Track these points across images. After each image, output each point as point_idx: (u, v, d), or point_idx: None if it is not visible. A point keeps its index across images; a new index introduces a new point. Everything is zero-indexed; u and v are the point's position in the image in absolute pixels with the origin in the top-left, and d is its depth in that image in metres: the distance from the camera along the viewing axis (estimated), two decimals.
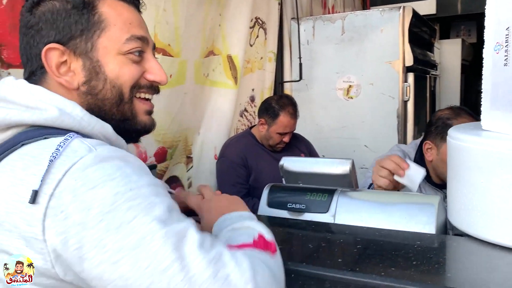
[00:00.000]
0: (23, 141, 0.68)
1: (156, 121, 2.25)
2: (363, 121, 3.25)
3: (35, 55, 0.76)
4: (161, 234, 0.60)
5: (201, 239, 0.63)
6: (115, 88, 0.79)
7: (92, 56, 0.77)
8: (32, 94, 0.73)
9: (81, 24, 0.76)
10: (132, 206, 0.61)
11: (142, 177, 0.65)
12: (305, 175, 1.26)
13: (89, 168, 0.62)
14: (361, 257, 0.88)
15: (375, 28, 3.13)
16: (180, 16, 2.30)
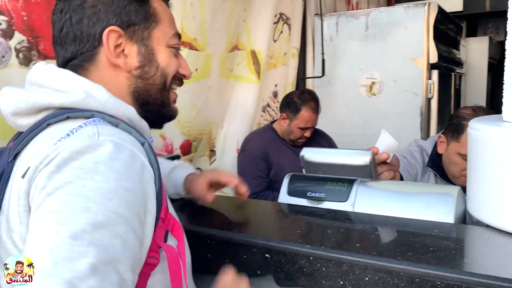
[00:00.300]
0: (48, 121, 0.71)
1: (182, 114, 2.32)
2: (386, 118, 3.23)
3: (89, 35, 0.78)
4: (60, 241, 0.56)
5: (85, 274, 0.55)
6: (163, 76, 0.84)
7: (147, 44, 0.82)
8: (60, 78, 0.76)
9: (141, 14, 0.81)
10: (67, 200, 0.60)
11: (111, 182, 0.63)
12: (325, 165, 1.28)
13: (74, 154, 0.63)
14: (378, 243, 0.90)
15: (399, 25, 3.11)
16: (206, 10, 2.34)
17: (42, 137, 0.71)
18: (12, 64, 1.50)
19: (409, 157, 1.62)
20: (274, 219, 1.07)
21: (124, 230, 0.61)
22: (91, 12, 0.78)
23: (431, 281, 0.76)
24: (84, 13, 0.78)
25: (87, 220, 0.58)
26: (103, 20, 0.78)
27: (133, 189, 0.65)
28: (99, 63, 0.80)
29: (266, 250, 0.91)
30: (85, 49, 0.79)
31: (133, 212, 0.64)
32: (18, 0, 1.48)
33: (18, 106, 0.75)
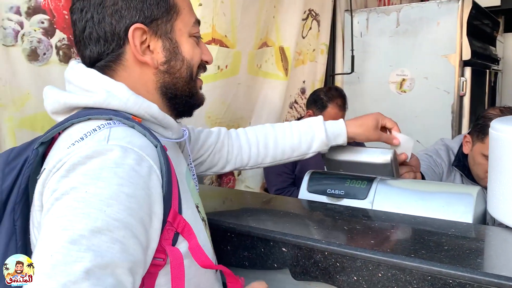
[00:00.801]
0: (72, 121, 0.74)
1: (212, 110, 2.37)
2: (416, 116, 3.19)
3: (113, 34, 0.78)
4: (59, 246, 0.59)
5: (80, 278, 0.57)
6: (189, 68, 0.85)
7: (171, 37, 0.82)
8: (86, 77, 0.78)
9: (162, 6, 0.80)
10: (70, 206, 0.62)
11: (112, 189, 0.64)
12: (346, 163, 1.30)
13: (82, 159, 0.65)
14: (393, 240, 0.92)
15: (431, 21, 3.06)
16: (236, 7, 2.38)
17: (65, 136, 0.73)
18: (53, 61, 1.58)
19: (434, 156, 1.61)
20: (293, 215, 1.10)
21: (123, 235, 0.62)
22: (112, 10, 0.77)
23: (443, 280, 0.77)
24: (106, 12, 0.77)
25: (86, 226, 0.60)
26: (126, 17, 0.77)
27: (136, 195, 0.65)
28: (125, 62, 0.80)
29: (283, 244, 0.95)
30: (110, 49, 0.79)
31: (135, 217, 0.64)
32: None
33: (54, 106, 0.80)
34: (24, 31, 1.48)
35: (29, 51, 1.49)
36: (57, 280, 0.56)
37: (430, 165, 1.55)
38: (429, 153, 1.63)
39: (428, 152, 1.64)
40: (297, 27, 2.87)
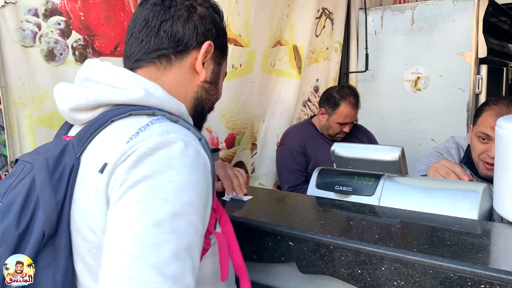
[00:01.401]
0: (112, 118, 0.76)
1: (227, 108, 2.42)
2: (431, 114, 3.17)
3: (190, 39, 0.88)
4: (144, 228, 0.62)
5: (169, 259, 0.62)
6: (216, 99, 0.98)
7: (218, 68, 0.95)
8: (119, 76, 0.81)
9: (223, 45, 0.96)
10: (147, 192, 0.66)
11: (182, 176, 0.68)
12: (355, 160, 1.32)
13: (149, 150, 0.68)
14: (397, 235, 0.93)
15: (446, 18, 3.04)
16: (250, 7, 2.40)
17: (108, 133, 0.75)
18: (69, 61, 1.63)
19: (445, 154, 1.62)
20: (300, 210, 1.13)
21: (196, 219, 0.68)
22: (199, 22, 0.89)
23: (444, 273, 0.79)
24: (193, 20, 0.88)
25: (166, 210, 0.64)
26: (206, 34, 0.90)
27: (200, 182, 0.71)
28: (184, 62, 0.89)
29: (290, 238, 0.97)
30: (179, 47, 0.87)
31: (201, 203, 0.70)
32: (76, 1, 1.61)
33: (78, 102, 0.79)
34: (41, 33, 1.53)
35: (46, 51, 1.55)
36: (148, 260, 0.60)
37: None
38: (439, 151, 1.63)
39: (438, 150, 1.64)
40: (310, 26, 2.89)
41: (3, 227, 0.70)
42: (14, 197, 0.73)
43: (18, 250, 0.70)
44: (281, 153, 2.46)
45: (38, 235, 0.69)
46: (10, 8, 1.46)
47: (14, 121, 1.50)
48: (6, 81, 1.46)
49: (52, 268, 0.70)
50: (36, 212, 0.71)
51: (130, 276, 0.59)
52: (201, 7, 0.90)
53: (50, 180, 0.72)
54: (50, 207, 0.70)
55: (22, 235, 0.70)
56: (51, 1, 1.55)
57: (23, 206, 0.72)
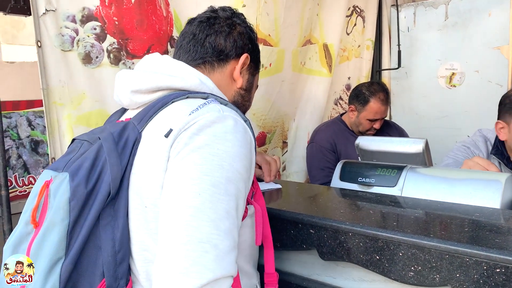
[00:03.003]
0: (173, 99, 0.88)
1: (257, 107, 2.46)
2: (466, 111, 3.10)
3: (230, 50, 1.02)
4: (205, 187, 0.75)
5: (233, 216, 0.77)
6: (249, 106, 1.13)
7: (253, 79, 1.10)
8: (178, 67, 0.96)
9: (257, 59, 1.10)
10: (206, 157, 0.78)
11: (235, 149, 0.80)
12: (379, 153, 1.33)
13: (208, 122, 0.80)
14: (415, 223, 0.95)
15: (482, 12, 2.97)
16: (279, 7, 2.44)
17: (170, 109, 0.87)
18: (104, 64, 1.73)
19: (472, 147, 1.59)
20: (322, 200, 1.15)
21: (242, 186, 0.80)
22: (238, 37, 1.04)
23: (460, 258, 0.80)
24: (233, 35, 1.03)
25: (222, 174, 0.77)
26: (243, 47, 1.04)
27: (247, 155, 0.83)
28: (225, 70, 1.03)
29: (310, 226, 1.00)
30: (221, 56, 1.02)
31: (247, 173, 0.82)
32: (110, 7, 1.71)
33: (140, 85, 0.92)
34: (79, 37, 1.63)
35: (83, 55, 1.64)
36: (208, 215, 0.73)
37: (468, 157, 1.54)
38: (466, 145, 1.61)
39: (465, 144, 1.62)
40: (341, 24, 2.89)
41: (74, 185, 0.80)
42: (82, 162, 0.83)
43: (85, 206, 0.80)
44: (311, 150, 2.47)
45: (104, 194, 0.80)
46: (50, 15, 1.56)
47: (55, 121, 1.61)
48: (47, 83, 1.57)
49: (112, 225, 0.80)
50: (102, 175, 0.82)
51: (193, 225, 0.72)
52: (240, 26, 1.06)
53: (116, 148, 0.83)
54: (117, 170, 0.81)
55: (90, 193, 0.80)
56: (87, 8, 1.64)
57: (91, 169, 0.82)
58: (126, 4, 1.75)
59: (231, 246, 0.75)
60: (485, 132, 1.67)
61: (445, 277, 0.82)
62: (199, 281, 0.69)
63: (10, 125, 2.07)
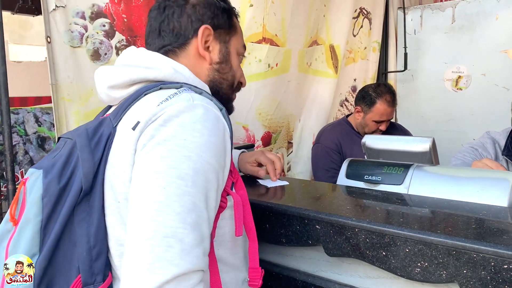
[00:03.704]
0: (145, 92, 0.87)
1: (263, 107, 2.47)
2: (473, 114, 3.10)
3: (186, 28, 0.96)
4: (170, 180, 0.73)
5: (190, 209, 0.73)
6: (233, 76, 1.03)
7: (227, 46, 1.01)
8: (152, 58, 0.93)
9: (227, 22, 1.00)
10: (173, 149, 0.75)
11: (204, 138, 0.77)
12: (386, 152, 1.33)
13: (175, 112, 0.78)
14: (422, 219, 0.95)
15: (489, 15, 2.97)
16: (286, 7, 2.45)
17: (142, 102, 0.85)
18: (113, 60, 1.74)
19: (480, 149, 1.59)
20: (328, 197, 1.15)
21: (213, 176, 0.78)
22: (191, 11, 0.96)
23: (467, 254, 0.80)
24: (186, 11, 0.96)
25: (189, 166, 0.74)
26: (201, 19, 0.96)
27: (219, 144, 0.80)
28: (189, 51, 0.97)
29: (316, 222, 1.00)
30: (180, 39, 0.96)
31: (218, 163, 0.80)
32: (120, 4, 1.72)
33: (115, 80, 0.90)
34: (88, 34, 1.64)
35: (92, 51, 1.65)
36: (173, 208, 0.71)
37: (476, 158, 1.53)
38: (474, 147, 1.61)
39: (473, 146, 1.62)
40: (347, 26, 2.90)
41: (47, 181, 0.81)
42: (56, 159, 0.84)
43: (58, 202, 0.80)
44: (316, 151, 2.47)
45: (76, 190, 0.80)
46: (60, 12, 1.57)
47: (63, 116, 1.62)
48: (56, 79, 1.58)
49: (87, 221, 0.80)
50: (75, 171, 0.81)
51: (158, 220, 0.70)
52: None
53: (89, 144, 0.82)
54: (88, 166, 0.80)
55: (63, 189, 0.80)
56: (97, 4, 1.66)
57: (64, 165, 0.82)
58: (135, 1, 1.76)
59: (199, 240, 0.73)
60: (493, 134, 1.67)
61: (452, 273, 0.82)
62: (164, 276, 0.68)
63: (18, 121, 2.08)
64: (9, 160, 1.52)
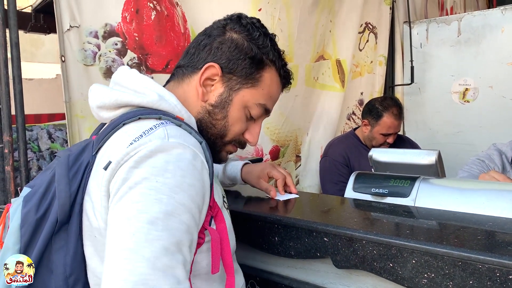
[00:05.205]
0: (124, 121, 0.84)
1: (271, 121, 2.50)
2: (481, 126, 3.11)
3: (200, 59, 0.94)
4: (140, 225, 0.70)
5: (162, 253, 0.69)
6: (225, 128, 0.96)
7: (231, 94, 0.94)
8: (141, 82, 0.90)
9: (246, 72, 0.94)
10: (144, 193, 0.72)
11: (177, 180, 0.74)
12: (393, 165, 1.35)
13: (148, 153, 0.75)
14: (428, 231, 0.96)
15: (495, 28, 2.99)
16: (293, 24, 2.50)
17: (119, 134, 0.83)
18: None
19: (487, 161, 1.61)
20: (336, 209, 1.17)
21: (187, 217, 0.74)
22: (216, 45, 0.94)
23: (473, 265, 0.81)
24: (212, 43, 0.94)
25: (160, 209, 0.71)
26: (217, 56, 0.93)
27: (194, 184, 0.77)
28: (192, 80, 0.95)
29: (324, 234, 1.02)
30: (191, 65, 0.95)
31: (194, 203, 0.76)
32: (131, 23, 1.77)
33: (103, 101, 0.90)
34: (100, 52, 1.69)
35: (105, 69, 1.70)
36: (142, 255, 0.68)
37: (483, 170, 1.55)
38: (481, 158, 1.62)
39: (480, 157, 1.63)
40: (353, 40, 2.94)
41: (25, 211, 0.82)
42: (38, 187, 0.85)
43: (36, 232, 0.81)
44: (324, 164, 2.50)
45: (53, 220, 0.80)
46: (74, 31, 1.63)
47: (76, 133, 1.66)
48: (70, 96, 1.63)
49: (64, 250, 0.81)
50: (54, 201, 0.82)
51: (127, 269, 0.67)
52: (232, 32, 0.95)
53: (67, 174, 0.83)
54: (64, 197, 0.81)
55: (40, 219, 0.81)
56: (110, 24, 1.71)
57: (43, 195, 0.83)
58: (146, 20, 1.81)
59: (173, 284, 0.68)
60: (500, 146, 1.68)
61: (458, 284, 0.84)
62: None
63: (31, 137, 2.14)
64: (24, 176, 1.56)
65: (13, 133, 1.50)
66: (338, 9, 2.84)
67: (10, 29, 1.48)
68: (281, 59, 1.00)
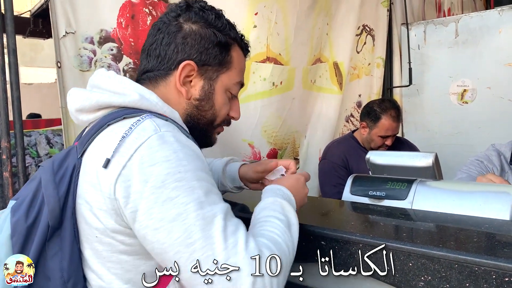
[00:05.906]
0: (108, 122, 0.84)
1: (268, 124, 2.50)
2: (479, 127, 3.11)
3: (170, 59, 0.93)
4: (194, 215, 0.74)
5: (224, 225, 0.76)
6: (214, 115, 0.99)
7: (212, 84, 0.97)
8: (119, 83, 0.90)
9: (219, 59, 0.96)
10: (177, 186, 0.75)
11: (191, 162, 0.79)
12: (390, 167, 1.35)
13: (153, 148, 0.77)
14: (425, 234, 0.96)
15: (492, 29, 3.00)
16: (290, 27, 2.50)
17: (106, 134, 0.83)
18: None
19: (486, 161, 1.60)
20: (333, 213, 1.17)
21: (217, 190, 0.82)
22: (180, 41, 0.93)
23: (469, 267, 0.81)
24: (175, 40, 0.93)
25: (198, 193, 0.76)
26: (187, 52, 0.93)
27: (204, 165, 0.83)
28: (169, 82, 0.95)
29: (321, 238, 1.02)
30: (162, 68, 0.94)
31: (208, 174, 0.83)
32: (127, 29, 1.77)
33: (83, 103, 0.89)
34: (96, 58, 1.69)
35: None
36: (212, 235, 0.74)
37: (482, 171, 1.55)
38: (480, 159, 1.62)
39: (479, 158, 1.63)
40: (351, 43, 2.94)
41: (14, 221, 0.81)
42: (25, 196, 0.85)
43: (28, 240, 0.80)
44: (323, 167, 2.49)
45: (44, 227, 0.80)
46: (70, 37, 1.63)
47: (73, 139, 1.66)
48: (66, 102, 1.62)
49: (59, 256, 0.80)
50: (42, 207, 0.81)
51: (209, 254, 0.73)
52: (189, 23, 0.94)
53: (54, 179, 0.82)
54: (53, 201, 0.80)
55: (31, 227, 0.81)
56: (105, 30, 1.71)
57: (31, 203, 0.83)
58: (142, 26, 1.82)
59: (248, 241, 0.76)
60: (499, 147, 1.68)
61: (455, 286, 0.83)
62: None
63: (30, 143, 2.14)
64: (23, 181, 1.56)
65: (11, 139, 1.50)
66: (335, 12, 2.85)
67: (7, 35, 1.48)
68: (237, 32, 1.01)
